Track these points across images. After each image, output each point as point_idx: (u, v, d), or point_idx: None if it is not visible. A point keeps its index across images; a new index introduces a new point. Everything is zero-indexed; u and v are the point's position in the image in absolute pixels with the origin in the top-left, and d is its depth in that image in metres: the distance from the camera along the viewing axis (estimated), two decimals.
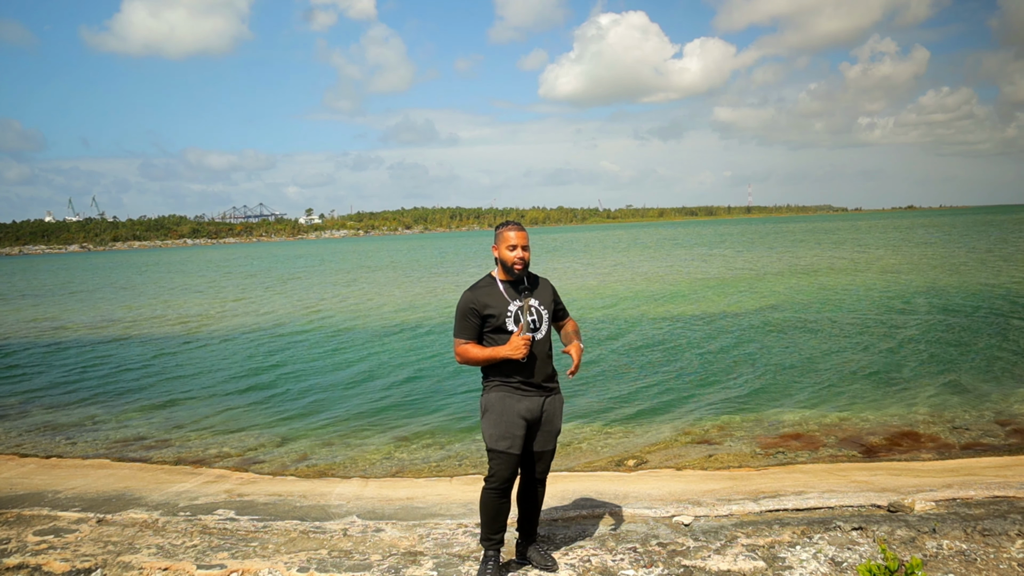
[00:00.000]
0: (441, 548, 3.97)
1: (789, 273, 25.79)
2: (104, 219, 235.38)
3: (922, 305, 15.65)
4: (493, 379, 3.40)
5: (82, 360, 13.63)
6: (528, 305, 3.37)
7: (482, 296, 3.37)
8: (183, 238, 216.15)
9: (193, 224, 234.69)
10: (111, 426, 8.66)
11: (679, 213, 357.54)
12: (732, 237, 70.86)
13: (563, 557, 3.72)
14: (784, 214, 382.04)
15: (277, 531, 4.45)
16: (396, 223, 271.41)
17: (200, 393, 10.39)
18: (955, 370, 9.53)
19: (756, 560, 3.57)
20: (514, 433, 3.31)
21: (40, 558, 4.04)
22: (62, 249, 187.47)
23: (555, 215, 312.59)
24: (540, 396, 3.40)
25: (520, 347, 3.26)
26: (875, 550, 3.60)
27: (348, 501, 5.29)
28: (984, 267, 23.99)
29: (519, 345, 3.26)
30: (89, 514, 4.98)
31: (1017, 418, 7.35)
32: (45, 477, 6.38)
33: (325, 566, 3.74)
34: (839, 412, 7.86)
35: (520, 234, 3.38)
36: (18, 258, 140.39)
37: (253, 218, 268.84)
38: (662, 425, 7.66)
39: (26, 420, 9.13)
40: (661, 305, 18.22)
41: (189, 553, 4.06)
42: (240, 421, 8.68)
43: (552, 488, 4.77)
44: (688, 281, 24.66)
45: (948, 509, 4.26)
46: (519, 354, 3.26)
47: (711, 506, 4.64)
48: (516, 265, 3.36)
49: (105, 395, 10.50)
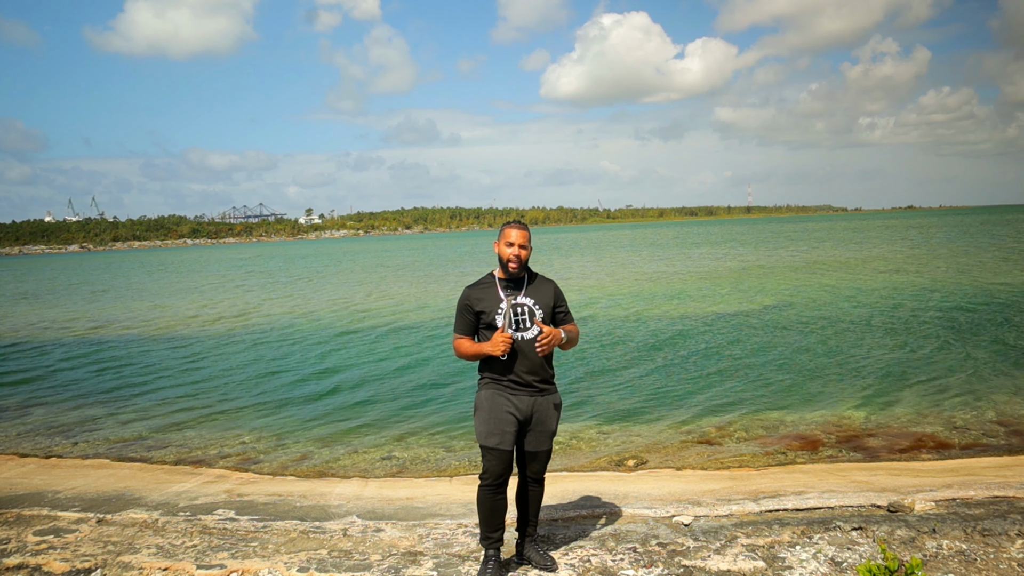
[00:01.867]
0: (441, 548, 3.97)
1: (789, 273, 25.79)
2: (104, 219, 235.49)
3: (922, 305, 15.65)
4: (485, 376, 3.47)
5: (82, 360, 13.63)
6: (512, 303, 3.39)
7: (478, 293, 3.45)
8: (183, 238, 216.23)
9: (193, 224, 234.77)
10: (111, 426, 8.66)
11: (679, 213, 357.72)
12: (732, 237, 70.86)
13: (563, 557, 3.72)
14: (784, 214, 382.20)
15: (277, 531, 4.45)
16: (396, 223, 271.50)
17: (200, 393, 10.38)
18: (955, 370, 9.53)
19: (756, 560, 3.57)
20: (503, 430, 3.34)
21: (40, 558, 4.03)
22: (62, 249, 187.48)
23: (555, 215, 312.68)
24: (531, 396, 3.42)
25: (499, 344, 3.29)
26: (875, 550, 3.60)
27: (348, 501, 5.29)
28: (984, 267, 24.00)
29: (498, 342, 3.29)
30: (89, 514, 4.98)
31: (1017, 418, 7.36)
32: (45, 477, 6.38)
33: (325, 566, 3.74)
34: (839, 412, 7.86)
35: (521, 233, 3.43)
36: (18, 258, 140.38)
37: (253, 218, 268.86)
38: (662, 425, 7.66)
39: (26, 420, 9.13)
40: (660, 305, 18.22)
41: (189, 553, 4.06)
42: (240, 421, 8.68)
43: (552, 488, 4.78)
44: (687, 281, 24.65)
45: (948, 509, 4.26)
46: (498, 351, 3.29)
47: (711, 506, 4.64)
48: (511, 263, 3.40)
49: (105, 395, 10.50)
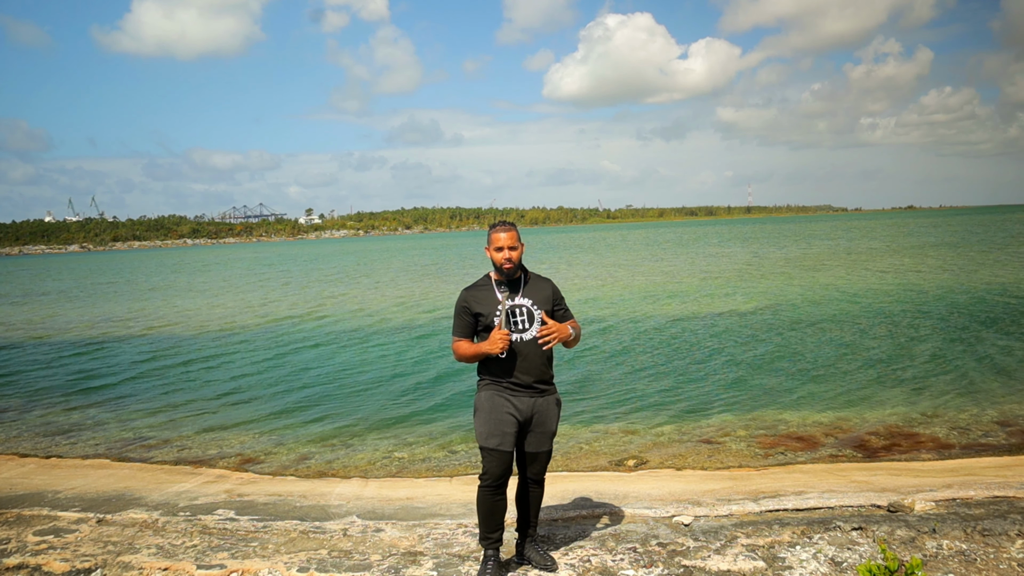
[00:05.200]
0: (441, 548, 3.97)
1: (788, 273, 25.78)
2: (104, 219, 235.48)
3: (922, 304, 15.65)
4: (485, 378, 3.47)
5: (82, 360, 13.63)
6: (507, 304, 3.39)
7: (474, 295, 3.45)
8: (183, 238, 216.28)
9: (193, 224, 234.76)
10: (111, 426, 8.66)
11: (679, 213, 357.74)
12: (732, 237, 70.84)
13: (563, 557, 3.72)
14: (784, 214, 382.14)
15: (277, 531, 4.45)
16: (396, 223, 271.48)
17: (200, 393, 10.38)
18: (955, 370, 9.53)
19: (756, 560, 3.57)
20: (503, 431, 3.34)
21: (40, 558, 4.03)
22: (62, 249, 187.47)
23: (555, 215, 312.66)
24: (530, 397, 3.42)
25: (496, 342, 3.28)
26: (875, 550, 3.60)
27: (348, 501, 5.29)
28: (984, 267, 24.00)
29: (495, 340, 3.29)
30: (89, 514, 4.98)
31: (1017, 418, 7.36)
32: (45, 477, 6.38)
33: (325, 566, 3.74)
34: (839, 412, 7.86)
35: (508, 234, 3.42)
36: (18, 258, 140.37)
37: (253, 218, 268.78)
38: (662, 425, 7.66)
39: (26, 420, 9.13)
40: (660, 305, 18.22)
41: (189, 553, 4.06)
42: (240, 421, 8.68)
43: (552, 488, 4.77)
44: (687, 280, 24.64)
45: (948, 509, 4.26)
46: (496, 348, 3.28)
47: (711, 506, 4.64)
48: (504, 265, 3.41)
49: (105, 395, 10.50)
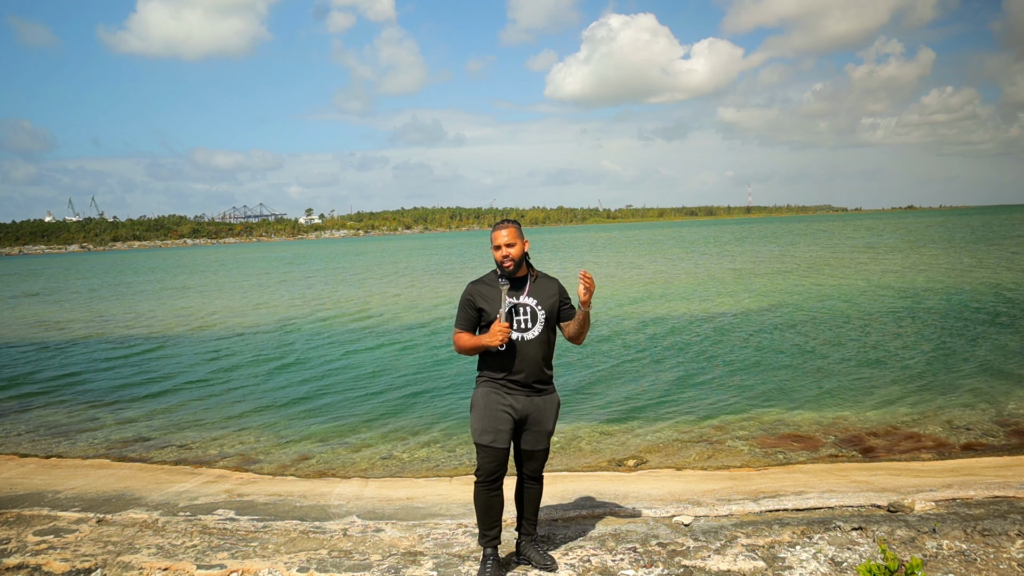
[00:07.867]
0: (441, 548, 3.97)
1: (788, 272, 25.78)
2: (104, 219, 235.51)
3: (923, 305, 15.65)
4: (483, 375, 3.48)
5: (82, 360, 13.62)
6: (508, 300, 3.38)
7: (480, 289, 3.46)
8: (183, 238, 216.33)
9: (193, 224, 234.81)
10: (111, 426, 8.66)
11: (679, 213, 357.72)
12: (732, 237, 70.84)
13: (563, 557, 3.72)
14: (784, 214, 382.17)
15: (277, 531, 4.45)
16: (396, 223, 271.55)
17: (200, 393, 10.38)
18: (956, 370, 9.53)
19: (756, 560, 3.57)
20: (497, 427, 3.34)
21: (40, 558, 4.03)
22: (62, 249, 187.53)
23: (555, 215, 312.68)
24: (527, 396, 3.42)
25: (496, 334, 3.27)
26: (875, 550, 3.60)
27: (348, 501, 5.29)
28: (984, 266, 23.99)
29: (495, 332, 3.28)
30: (89, 514, 4.98)
31: (1017, 418, 7.35)
32: (45, 477, 6.38)
33: (325, 566, 3.74)
34: (839, 412, 7.86)
35: (508, 232, 3.42)
36: (18, 258, 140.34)
37: (253, 218, 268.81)
38: (662, 425, 7.66)
39: (26, 420, 9.12)
40: (660, 304, 18.21)
41: (189, 553, 4.06)
42: (240, 421, 8.68)
43: (552, 488, 4.78)
44: (687, 280, 24.65)
45: (948, 509, 4.26)
46: (496, 341, 3.27)
47: (711, 506, 4.64)
48: (504, 263, 3.41)
49: (105, 395, 10.49)
